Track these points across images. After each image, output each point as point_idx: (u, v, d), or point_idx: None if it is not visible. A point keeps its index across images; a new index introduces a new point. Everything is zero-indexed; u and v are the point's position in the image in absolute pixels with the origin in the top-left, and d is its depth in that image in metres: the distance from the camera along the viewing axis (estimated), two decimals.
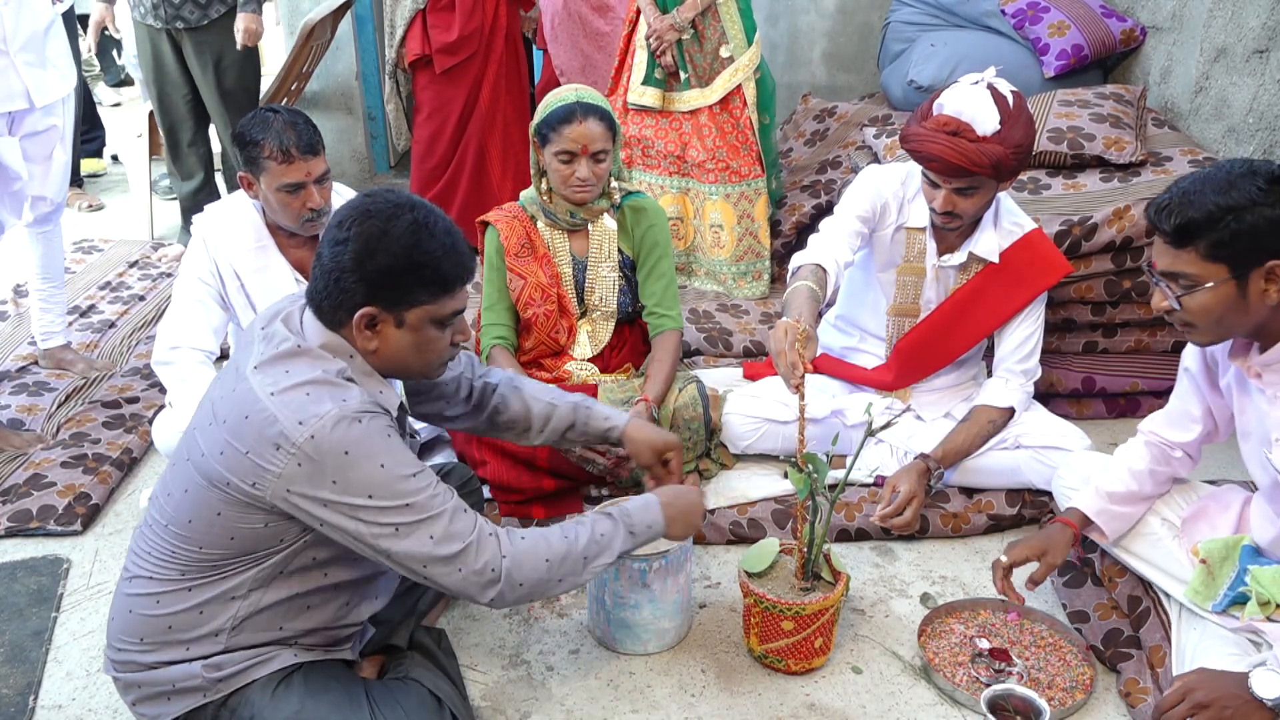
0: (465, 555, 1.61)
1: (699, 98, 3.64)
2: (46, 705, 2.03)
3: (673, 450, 2.06)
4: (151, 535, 1.68)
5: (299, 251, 2.50)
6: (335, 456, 1.52)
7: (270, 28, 7.18)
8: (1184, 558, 2.03)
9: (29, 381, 3.25)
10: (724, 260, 3.78)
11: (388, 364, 1.66)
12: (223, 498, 1.58)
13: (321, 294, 1.61)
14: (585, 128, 2.46)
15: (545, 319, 2.64)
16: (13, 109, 2.88)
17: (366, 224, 1.57)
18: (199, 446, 1.61)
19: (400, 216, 1.58)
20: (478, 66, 3.99)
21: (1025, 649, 2.11)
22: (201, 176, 4.18)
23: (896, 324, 2.64)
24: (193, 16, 3.78)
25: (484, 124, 4.07)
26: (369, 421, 1.56)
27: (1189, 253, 1.71)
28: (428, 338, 1.65)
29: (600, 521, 1.79)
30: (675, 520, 1.88)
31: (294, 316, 1.66)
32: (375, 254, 1.56)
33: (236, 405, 1.57)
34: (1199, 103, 3.37)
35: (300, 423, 1.52)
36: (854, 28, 4.82)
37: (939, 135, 2.27)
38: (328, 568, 1.70)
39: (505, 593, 1.66)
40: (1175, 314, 1.79)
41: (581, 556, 1.73)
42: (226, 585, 1.64)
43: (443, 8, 3.90)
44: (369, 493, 1.55)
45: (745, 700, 2.03)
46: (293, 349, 1.59)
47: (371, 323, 1.60)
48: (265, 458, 1.53)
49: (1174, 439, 2.08)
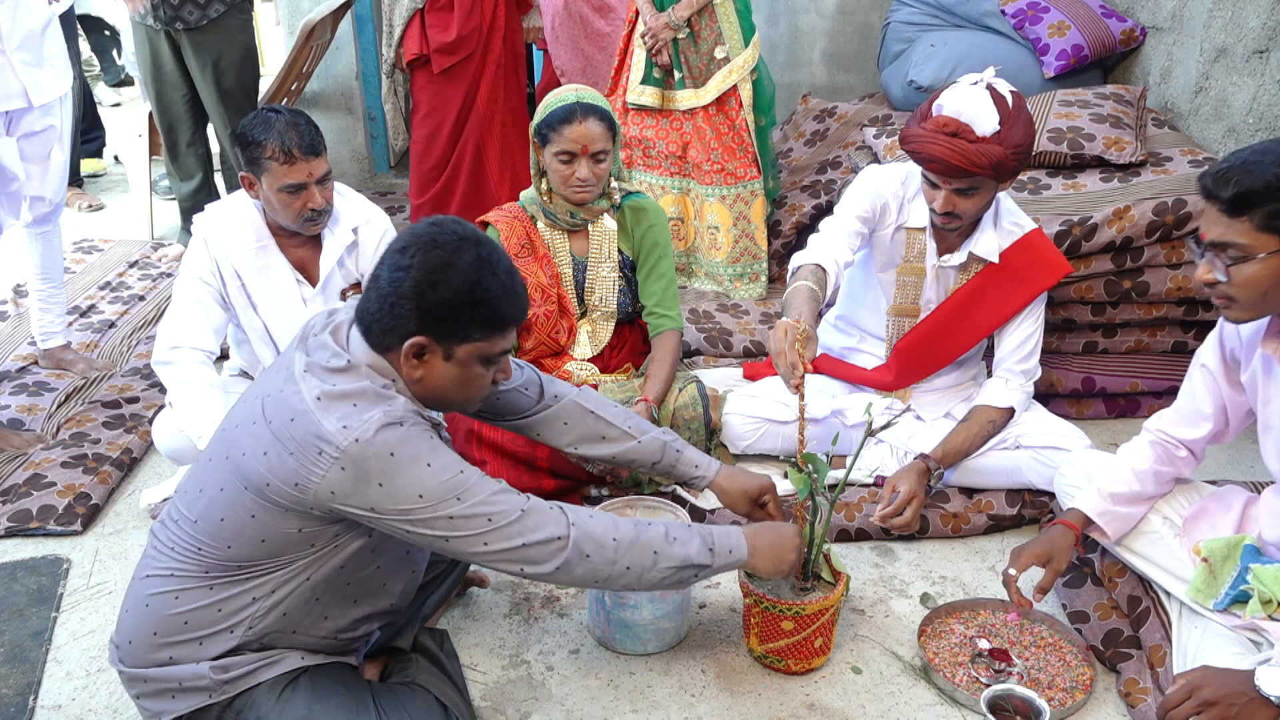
0: (524, 528, 1.61)
1: (693, 98, 3.64)
2: (46, 705, 2.03)
3: (767, 494, 2.03)
4: (177, 531, 1.67)
5: (300, 251, 2.50)
6: (381, 459, 1.53)
7: (270, 28, 7.19)
8: (1185, 556, 2.02)
9: (29, 381, 3.25)
10: (721, 262, 3.78)
11: (428, 393, 1.66)
12: (259, 501, 1.59)
13: (374, 316, 1.60)
14: (585, 128, 2.46)
15: (546, 319, 2.65)
16: (9, 108, 2.88)
17: (431, 254, 1.57)
18: (241, 445, 1.61)
19: (465, 251, 1.58)
20: (475, 66, 3.98)
21: (1025, 649, 2.11)
22: (200, 177, 4.18)
23: (896, 324, 2.64)
24: (192, 17, 3.77)
25: (482, 124, 4.07)
26: (411, 426, 1.56)
27: (1243, 222, 1.69)
28: (473, 374, 1.65)
29: (675, 525, 1.78)
30: (762, 551, 1.84)
31: (342, 330, 1.66)
32: (437, 285, 1.56)
33: (284, 406, 1.57)
34: (1199, 103, 3.37)
35: (345, 427, 1.52)
36: (854, 28, 4.82)
37: (938, 136, 2.27)
38: (353, 575, 1.70)
39: (572, 561, 1.65)
40: (1218, 287, 1.76)
41: (651, 550, 1.71)
42: (249, 585, 1.64)
43: (441, 7, 3.89)
44: (419, 493, 1.55)
45: (745, 700, 2.03)
46: (342, 366, 1.60)
47: (420, 352, 1.60)
48: (310, 462, 1.53)
49: (1182, 436, 2.08)
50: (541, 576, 1.66)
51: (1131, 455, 2.10)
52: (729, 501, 2.04)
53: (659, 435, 2.02)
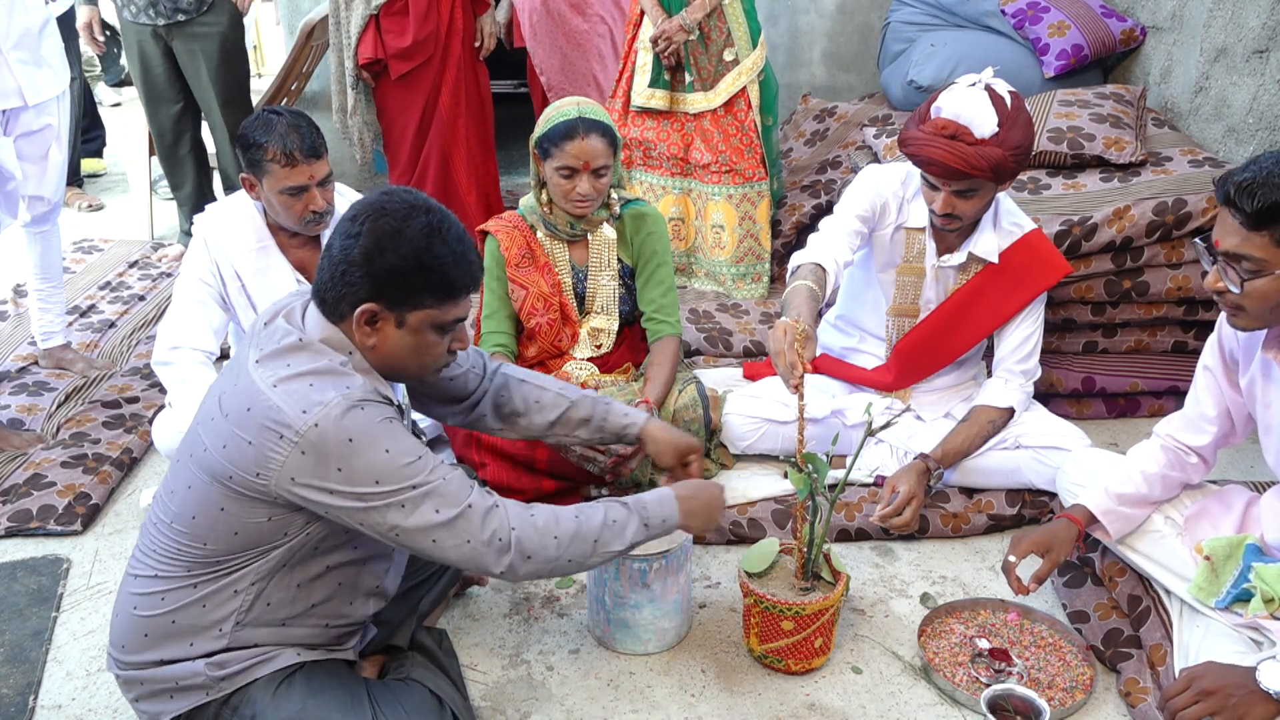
0: (470, 525, 1.62)
1: (703, 101, 3.64)
2: (46, 705, 2.03)
3: (694, 453, 2.06)
4: (156, 533, 1.68)
5: (300, 252, 2.50)
6: (340, 444, 1.53)
7: (270, 28, 7.20)
8: (1187, 555, 2.02)
9: (29, 381, 3.25)
10: (724, 261, 3.78)
11: (384, 362, 1.67)
12: (225, 493, 1.59)
13: (327, 285, 1.62)
14: (587, 144, 2.45)
15: (549, 328, 2.65)
16: (5, 107, 2.88)
17: (380, 221, 1.58)
18: (202, 442, 1.62)
19: (415, 218, 1.59)
20: (435, 71, 3.92)
21: (1025, 649, 2.11)
22: (191, 184, 4.15)
23: (896, 324, 2.64)
24: (191, 6, 3.76)
25: (445, 130, 4.00)
26: (370, 408, 1.57)
27: (1262, 236, 1.67)
28: (427, 341, 1.66)
29: (614, 508, 1.79)
30: (693, 514, 1.88)
31: (295, 312, 1.68)
32: (385, 252, 1.57)
33: (239, 398, 1.58)
34: (1199, 103, 3.37)
35: (304, 411, 1.53)
36: (854, 28, 4.82)
37: (937, 139, 2.27)
38: (330, 560, 1.70)
39: (516, 564, 1.67)
40: (1228, 296, 1.75)
41: (592, 539, 1.74)
42: (229, 579, 1.64)
43: (396, 12, 3.82)
44: (375, 479, 1.56)
45: (745, 700, 2.03)
46: (294, 343, 1.60)
47: (372, 319, 1.61)
48: (269, 448, 1.54)
49: (1190, 443, 2.07)
50: (490, 575, 1.69)
51: (1141, 458, 2.09)
52: (655, 450, 2.06)
53: (586, 394, 2.06)
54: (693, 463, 2.06)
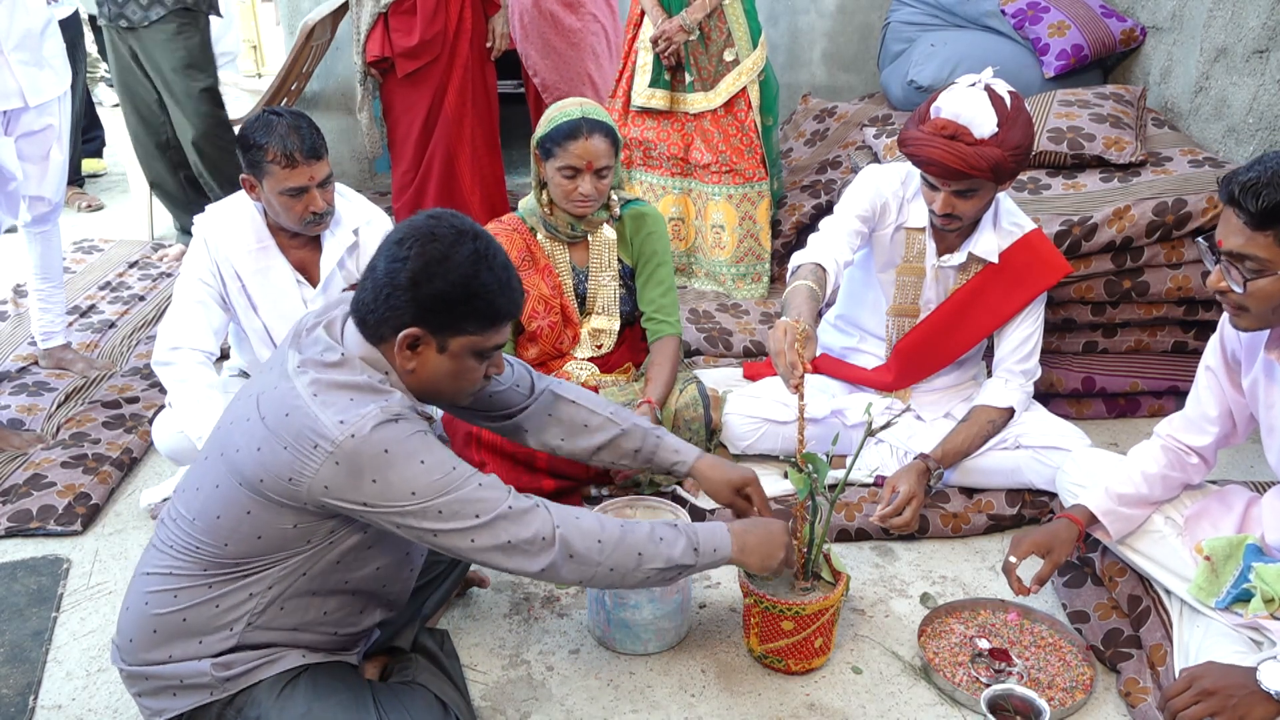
0: (511, 525, 1.62)
1: (703, 101, 3.64)
2: (46, 705, 2.03)
3: (749, 485, 2.02)
4: (175, 529, 1.68)
5: (300, 252, 2.50)
6: (375, 456, 1.53)
7: (270, 28, 7.20)
8: (1187, 555, 2.02)
9: (29, 381, 3.25)
10: (724, 261, 3.78)
11: (421, 385, 1.66)
12: (254, 497, 1.59)
13: (369, 307, 1.61)
14: (591, 144, 2.46)
15: (550, 330, 2.65)
16: (6, 108, 2.88)
17: (429, 246, 1.57)
18: (235, 441, 1.62)
19: (463, 244, 1.59)
20: (442, 71, 3.91)
21: (1025, 649, 2.11)
22: (172, 179, 4.10)
23: (896, 324, 2.64)
24: (135, 16, 3.71)
25: (450, 130, 3.99)
26: (405, 422, 1.57)
27: (1266, 236, 1.67)
28: (466, 367, 1.66)
29: (662, 526, 1.78)
30: (749, 549, 1.85)
31: (336, 324, 1.67)
32: (433, 278, 1.57)
33: (279, 403, 1.58)
34: (1199, 103, 3.37)
35: (341, 422, 1.53)
36: (854, 28, 4.83)
37: (936, 139, 2.27)
38: (349, 572, 1.70)
39: (559, 562, 1.66)
40: (1231, 296, 1.75)
41: (636, 551, 1.72)
42: (246, 582, 1.64)
43: (405, 11, 3.81)
44: (412, 490, 1.56)
45: (745, 700, 2.03)
46: (336, 359, 1.60)
47: (414, 344, 1.61)
48: (303, 457, 1.54)
49: (1190, 443, 2.07)
50: (529, 574, 1.68)
51: (1142, 458, 2.09)
52: (709, 489, 2.04)
53: (640, 422, 2.03)
54: (752, 495, 2.02)
